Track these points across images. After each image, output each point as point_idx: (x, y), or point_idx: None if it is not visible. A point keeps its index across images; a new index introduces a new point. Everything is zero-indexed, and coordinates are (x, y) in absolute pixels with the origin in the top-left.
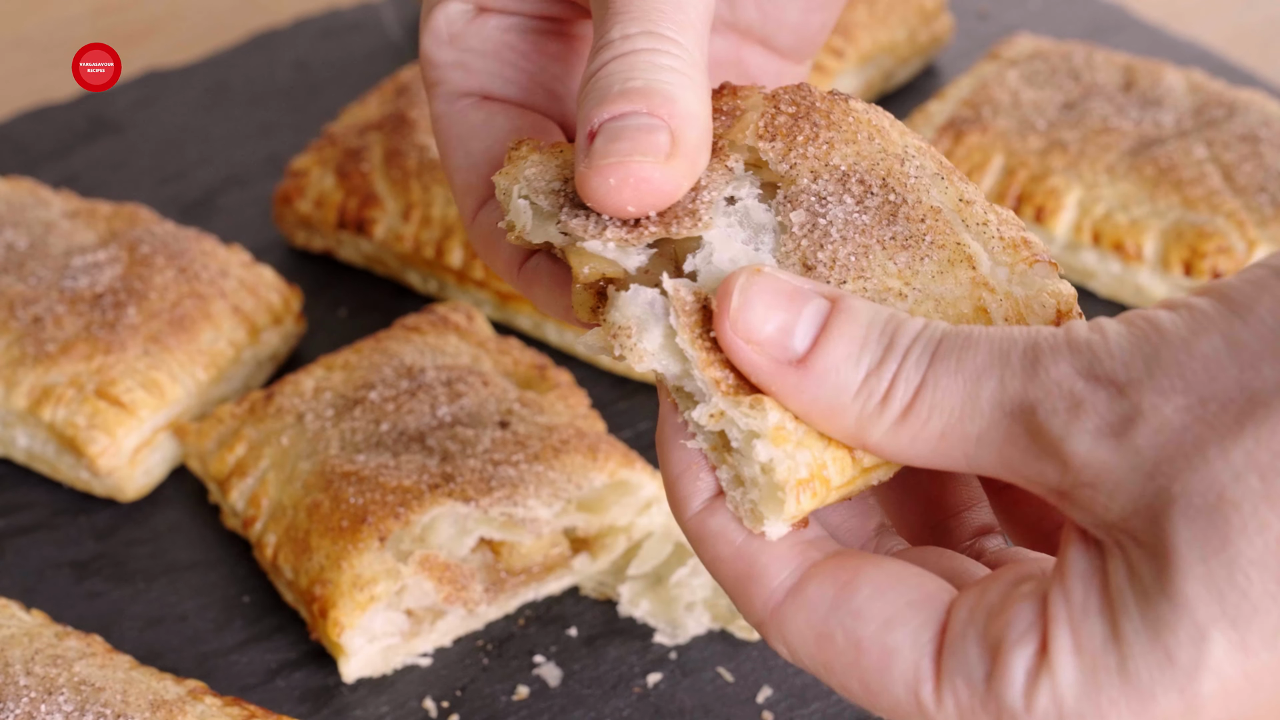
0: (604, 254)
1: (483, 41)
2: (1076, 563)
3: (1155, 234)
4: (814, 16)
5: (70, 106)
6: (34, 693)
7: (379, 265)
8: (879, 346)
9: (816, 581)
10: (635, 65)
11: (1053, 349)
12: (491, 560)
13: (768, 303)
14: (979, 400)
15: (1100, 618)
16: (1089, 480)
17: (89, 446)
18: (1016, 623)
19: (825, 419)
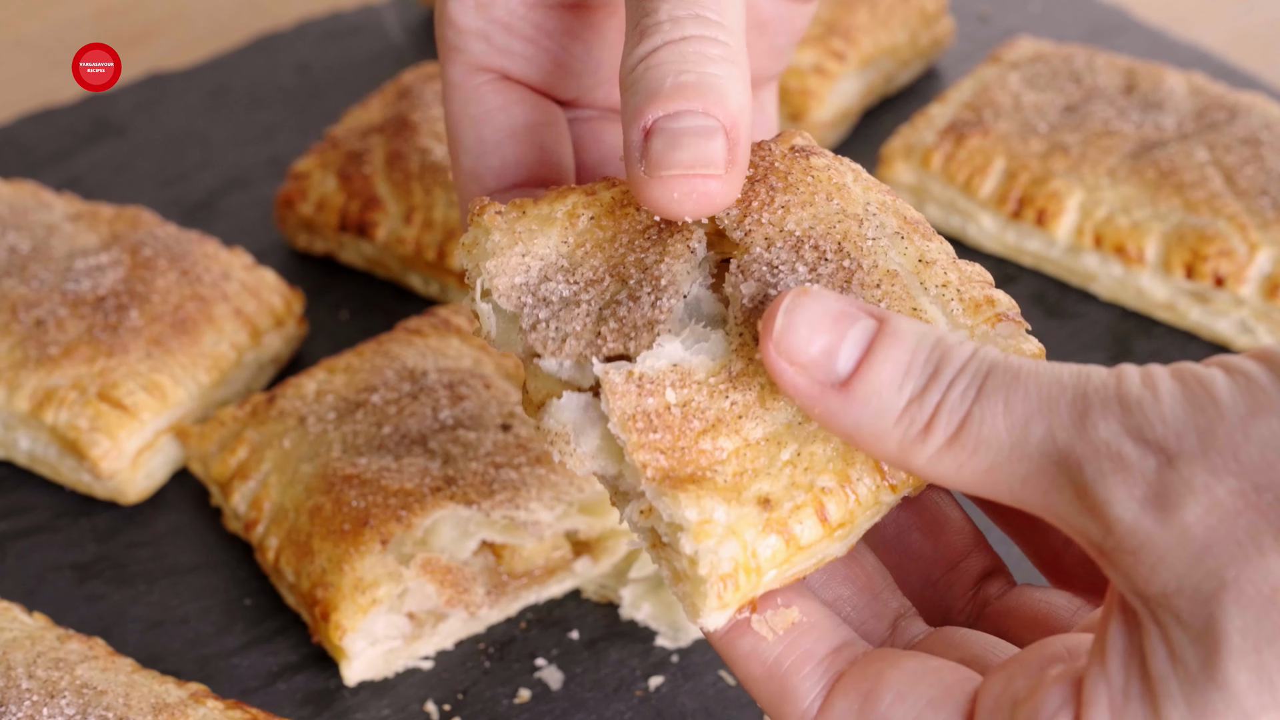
0: (558, 375)
1: (509, 13)
2: (1116, 643)
3: (1157, 237)
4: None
5: (73, 109)
6: (36, 696)
7: (380, 268)
8: (924, 373)
9: (842, 696)
10: (686, 56)
11: (1103, 403)
12: (493, 563)
13: (812, 324)
14: (1027, 445)
15: (1142, 702)
16: (1131, 548)
17: (91, 449)
18: (1045, 707)
19: (868, 442)
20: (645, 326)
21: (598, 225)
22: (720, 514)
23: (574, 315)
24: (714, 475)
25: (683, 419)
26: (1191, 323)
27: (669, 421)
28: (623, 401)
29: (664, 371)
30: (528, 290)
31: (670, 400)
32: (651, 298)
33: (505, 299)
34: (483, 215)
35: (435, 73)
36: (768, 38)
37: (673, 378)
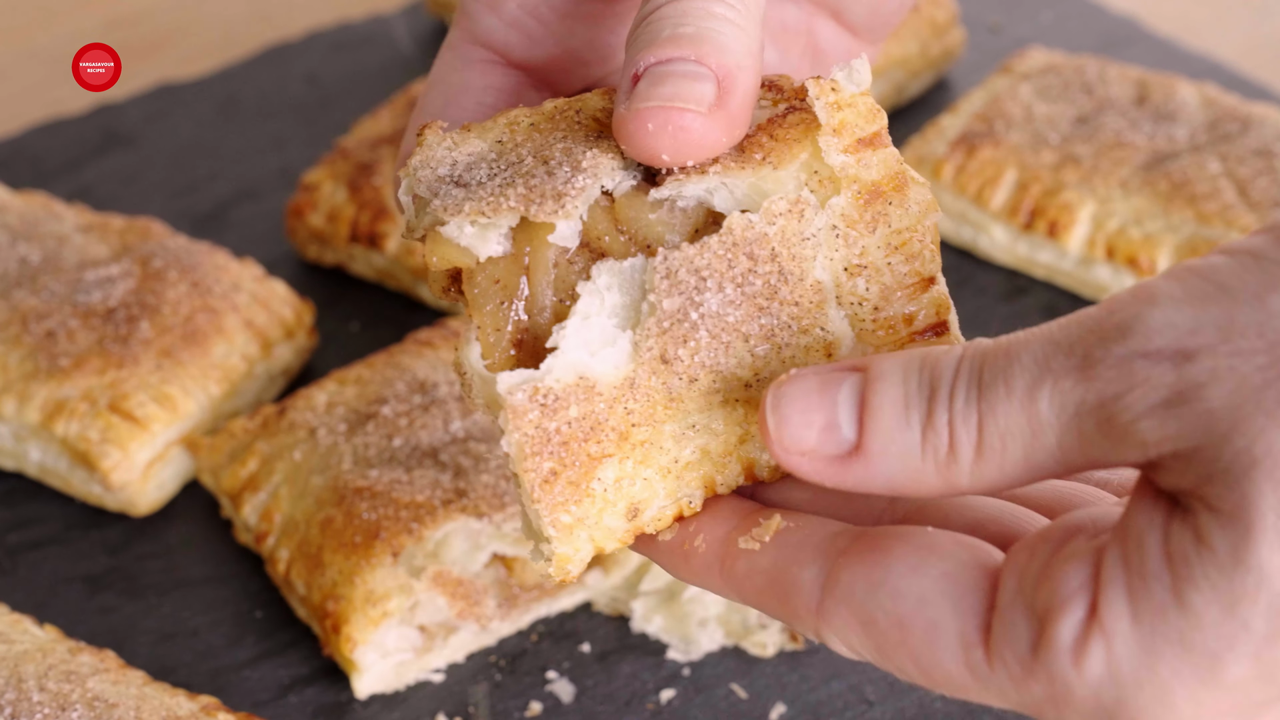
0: (458, 241)
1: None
2: (1137, 523)
3: (1169, 249)
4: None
5: (82, 120)
6: (47, 709)
7: (390, 279)
8: (921, 399)
9: (848, 569)
10: (688, 11)
11: (1099, 340)
12: (504, 576)
13: (801, 410)
14: (1042, 415)
15: (1161, 584)
16: (1169, 453)
17: (101, 461)
18: (1064, 586)
19: (911, 490)
20: (552, 196)
21: (536, 130)
22: (584, 539)
23: (485, 188)
24: (594, 487)
25: (578, 432)
26: None
27: (564, 436)
28: (523, 427)
29: (570, 388)
30: (450, 180)
31: (571, 416)
32: (567, 173)
33: (425, 187)
34: (423, 133)
35: None
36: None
37: (577, 394)
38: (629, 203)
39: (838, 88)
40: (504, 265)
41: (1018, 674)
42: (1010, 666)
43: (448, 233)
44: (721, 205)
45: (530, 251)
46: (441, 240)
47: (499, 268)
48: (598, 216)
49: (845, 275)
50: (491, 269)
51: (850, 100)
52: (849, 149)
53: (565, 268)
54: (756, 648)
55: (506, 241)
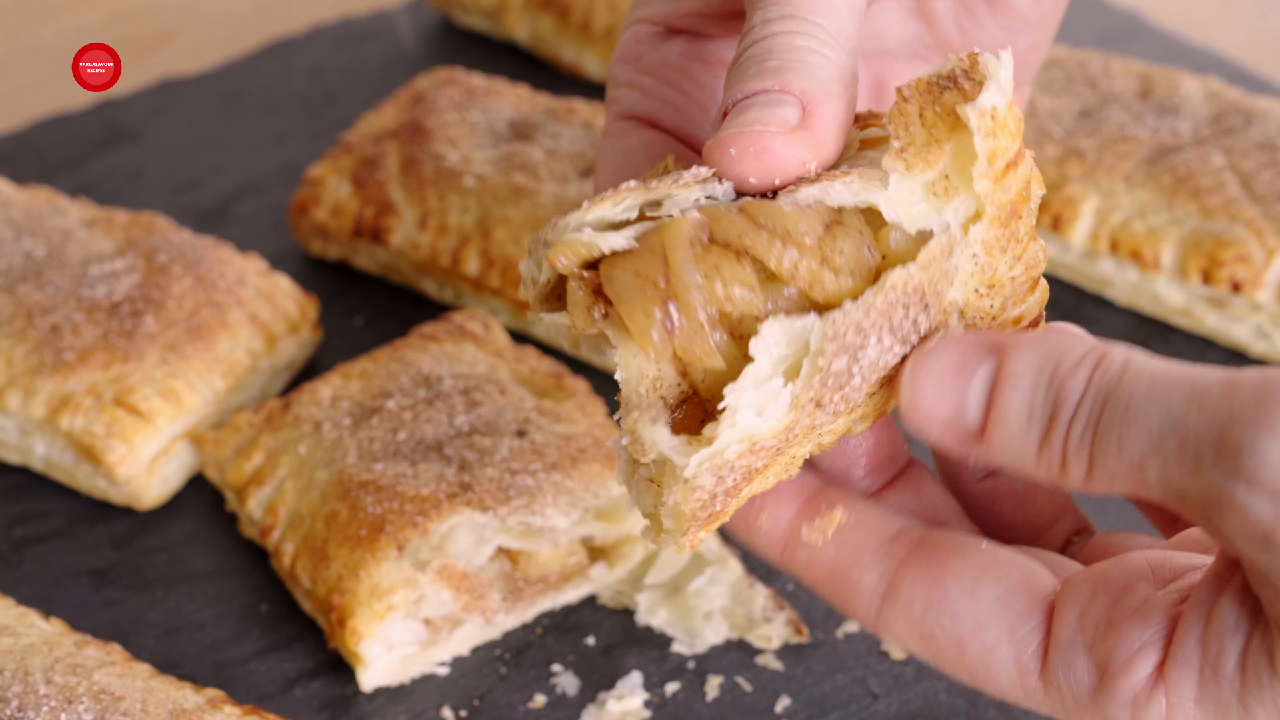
0: (580, 238)
1: (662, 65)
2: (1226, 618)
3: (1173, 242)
4: (1019, 38)
5: (86, 115)
6: (54, 701)
7: (394, 273)
8: (1044, 414)
9: (908, 583)
10: (774, 48)
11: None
12: (509, 569)
13: (937, 386)
14: (1148, 480)
15: (1231, 687)
16: (1261, 573)
17: (107, 455)
18: (1131, 640)
19: (1027, 478)
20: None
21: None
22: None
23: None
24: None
25: (735, 483)
26: (1208, 329)
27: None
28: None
29: (741, 453)
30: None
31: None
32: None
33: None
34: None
35: (448, 78)
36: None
37: (744, 454)
38: (758, 204)
39: (996, 115)
40: (640, 258)
41: (1072, 706)
42: (1066, 700)
43: (574, 237)
44: (839, 199)
45: (664, 238)
46: (568, 242)
47: (634, 260)
48: (726, 217)
49: (976, 295)
50: (627, 262)
51: (1003, 122)
52: (997, 176)
53: (704, 254)
54: (761, 641)
55: (630, 240)
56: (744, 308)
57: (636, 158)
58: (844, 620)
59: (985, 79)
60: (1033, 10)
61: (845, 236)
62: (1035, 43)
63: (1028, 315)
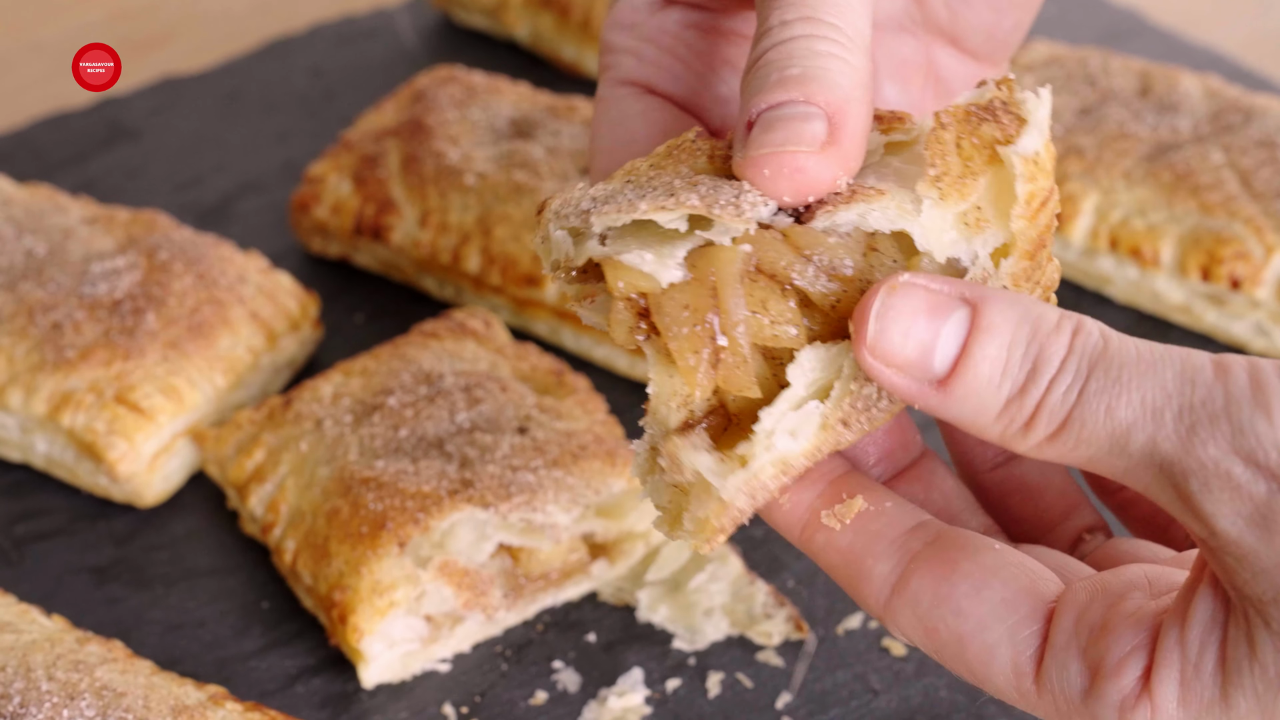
0: (640, 266)
1: (659, 32)
2: (1200, 614)
3: (1172, 239)
4: (1005, 16)
5: (87, 113)
6: (56, 698)
7: (395, 271)
8: (1021, 370)
9: (918, 576)
10: (793, 53)
11: (1211, 419)
12: (510, 566)
13: (906, 324)
14: (1127, 447)
15: (1213, 682)
16: (1235, 554)
17: (108, 452)
18: (1120, 645)
19: (971, 431)
20: (731, 203)
21: (658, 168)
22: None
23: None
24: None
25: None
26: (1207, 325)
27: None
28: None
29: (774, 475)
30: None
31: (766, 494)
32: (733, 192)
33: (575, 218)
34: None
35: (449, 76)
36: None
37: (776, 475)
38: (802, 232)
39: (1039, 160)
40: (689, 289)
41: (1064, 709)
42: (1058, 701)
43: (629, 260)
44: (876, 225)
45: (716, 270)
46: (623, 267)
47: (685, 293)
48: (773, 246)
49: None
50: (678, 295)
51: (1043, 165)
52: (1030, 216)
53: (751, 287)
54: (762, 637)
55: (684, 269)
56: (787, 343)
57: (634, 123)
58: (844, 617)
59: (1026, 119)
60: None
61: (880, 266)
62: (1019, 21)
63: None
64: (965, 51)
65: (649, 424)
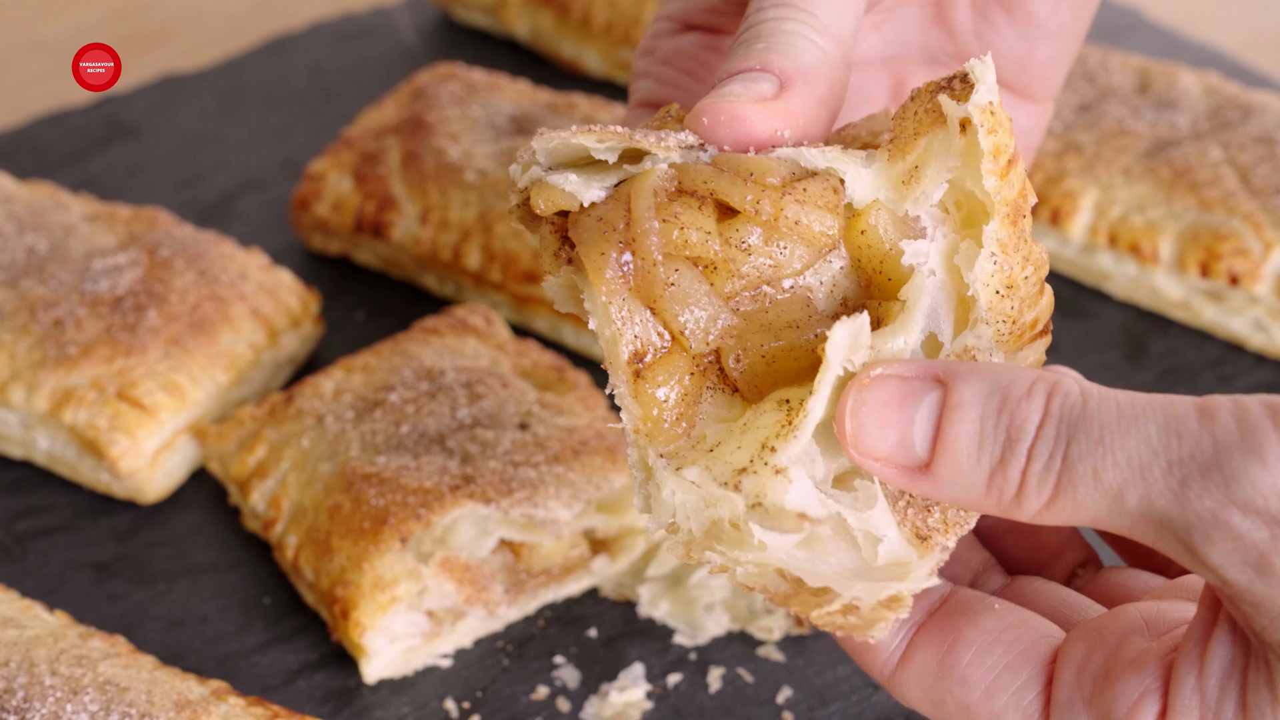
0: (563, 186)
1: (677, 54)
2: (1219, 657)
3: (1171, 236)
4: (1038, 48)
5: (87, 111)
6: (59, 693)
7: (396, 268)
8: (995, 443)
9: (922, 649)
10: (761, 32)
11: (1202, 472)
12: (512, 561)
13: (879, 419)
14: (1125, 507)
15: None
16: (1250, 601)
17: (110, 449)
18: (1128, 692)
19: (974, 510)
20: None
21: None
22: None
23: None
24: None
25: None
26: (1206, 321)
27: None
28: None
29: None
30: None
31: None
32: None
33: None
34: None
35: (449, 73)
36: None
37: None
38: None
39: (995, 109)
40: (606, 206)
41: None
42: None
43: (554, 180)
44: (810, 162)
45: (632, 186)
46: (548, 186)
47: (601, 209)
48: (699, 168)
49: (998, 297)
50: (594, 210)
51: (1001, 119)
52: (1001, 173)
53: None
54: (762, 632)
55: (602, 190)
56: (700, 250)
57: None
58: None
59: (977, 80)
60: (1051, 20)
61: (812, 182)
62: (1055, 56)
63: (1041, 319)
64: (1001, 85)
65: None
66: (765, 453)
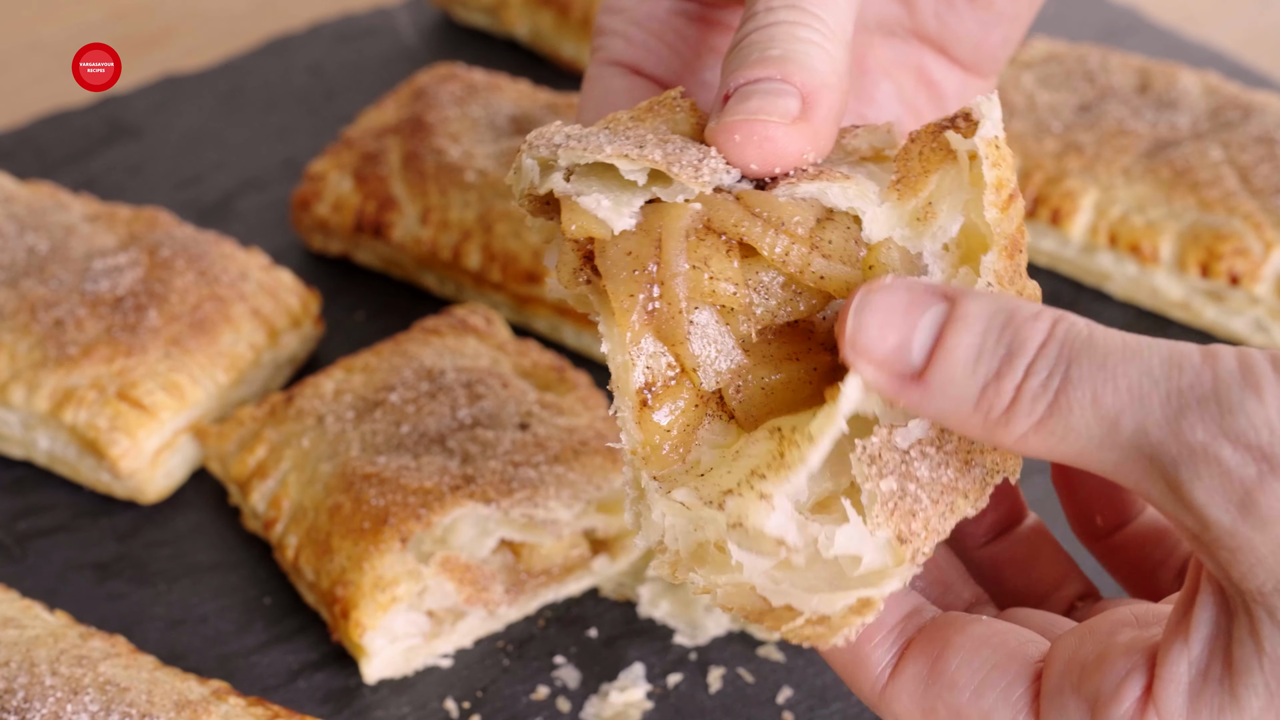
0: (595, 211)
1: (649, 18)
2: (1203, 620)
3: (1172, 236)
4: (993, 30)
5: (88, 111)
6: (60, 693)
7: (396, 268)
8: (995, 356)
9: (911, 662)
10: (775, 36)
11: (1199, 402)
12: (512, 561)
13: (883, 320)
14: (1118, 437)
15: (1221, 686)
16: (1229, 546)
17: (110, 449)
18: (1115, 670)
19: (955, 427)
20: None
21: (638, 121)
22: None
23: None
24: None
25: None
26: (1206, 322)
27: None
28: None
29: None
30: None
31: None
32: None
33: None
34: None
35: (449, 74)
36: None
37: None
38: (756, 195)
39: (1000, 144)
40: (635, 238)
41: None
42: None
43: (586, 204)
44: (833, 202)
45: (663, 224)
46: (579, 209)
47: (630, 240)
48: (725, 206)
49: None
50: (623, 241)
51: (1005, 153)
52: (1003, 205)
53: (697, 245)
54: (763, 632)
55: (632, 220)
56: (725, 299)
57: (619, 99)
58: None
59: (981, 117)
60: (1009, 8)
61: (835, 230)
62: (1007, 36)
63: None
64: (955, 61)
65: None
66: (754, 478)
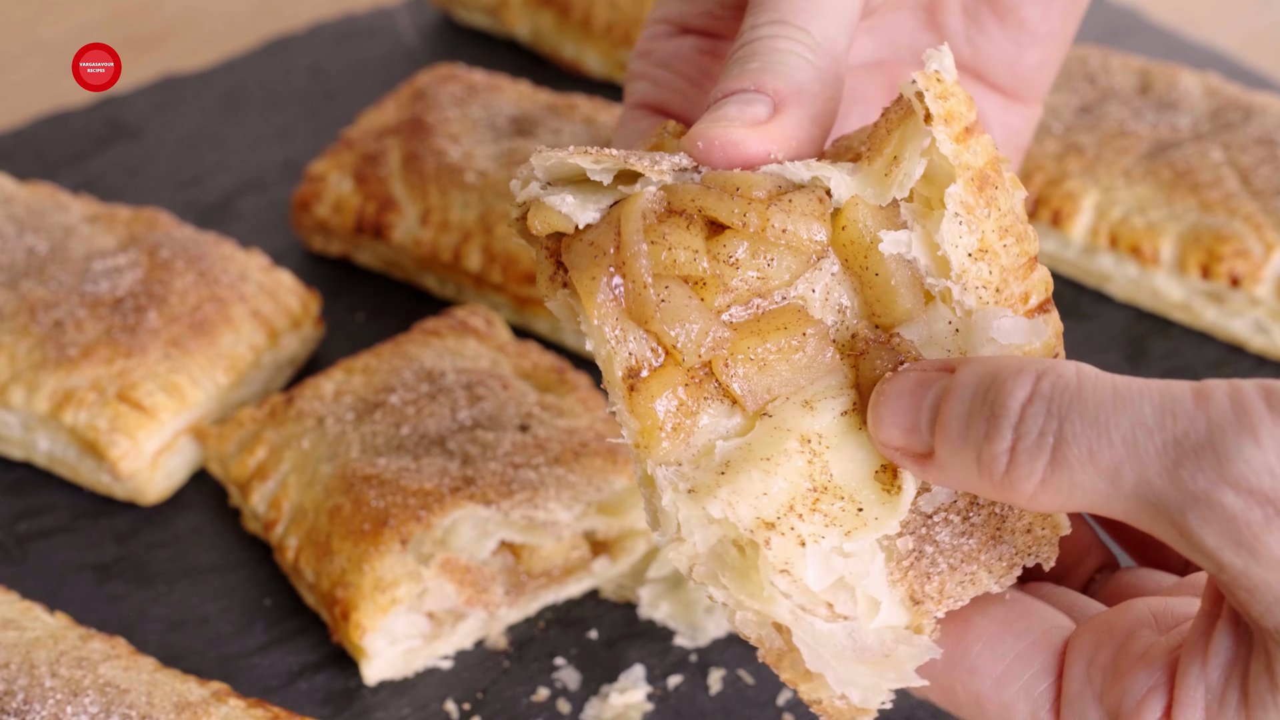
0: (559, 208)
1: (673, 58)
2: (1221, 649)
3: (1172, 237)
4: (1027, 52)
5: (87, 112)
6: (60, 694)
7: (396, 269)
8: (981, 420)
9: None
10: (756, 50)
11: (1195, 451)
12: (512, 563)
13: (893, 409)
14: (1121, 488)
15: (1237, 715)
16: (1245, 586)
17: (110, 450)
18: (1137, 687)
19: (982, 494)
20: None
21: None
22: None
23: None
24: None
25: None
26: (1207, 323)
27: None
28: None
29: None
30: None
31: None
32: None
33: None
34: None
35: (449, 74)
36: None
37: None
38: (715, 173)
39: (942, 78)
40: (598, 230)
41: None
42: None
43: (551, 202)
44: (794, 175)
45: (622, 208)
46: (544, 207)
47: (594, 233)
48: (687, 187)
49: (970, 260)
50: (588, 234)
51: (952, 89)
52: (958, 137)
53: (657, 225)
54: None
55: (596, 213)
56: (688, 269)
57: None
58: None
59: (927, 60)
60: (1041, 25)
61: (799, 193)
62: (1044, 59)
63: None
64: (993, 87)
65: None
66: (791, 516)
